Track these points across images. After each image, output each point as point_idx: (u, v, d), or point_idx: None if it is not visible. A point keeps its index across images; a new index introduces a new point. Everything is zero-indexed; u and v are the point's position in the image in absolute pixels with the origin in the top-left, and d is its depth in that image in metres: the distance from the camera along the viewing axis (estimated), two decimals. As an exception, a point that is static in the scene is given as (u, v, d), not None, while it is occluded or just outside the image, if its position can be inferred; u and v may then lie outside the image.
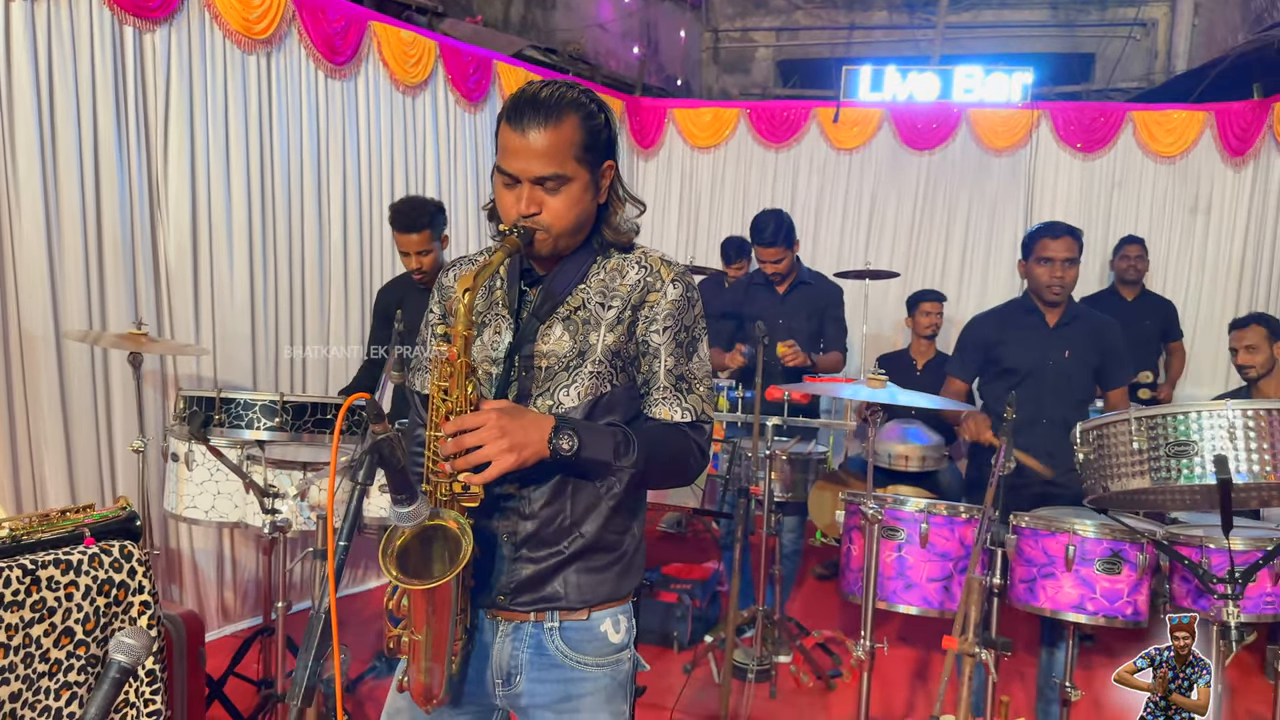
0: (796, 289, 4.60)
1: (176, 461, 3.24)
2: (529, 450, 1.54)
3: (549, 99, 1.62)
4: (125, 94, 3.74)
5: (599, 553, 1.71)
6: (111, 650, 1.45)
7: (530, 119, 1.60)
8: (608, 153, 1.70)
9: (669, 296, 1.70)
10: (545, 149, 1.60)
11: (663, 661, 4.18)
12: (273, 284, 4.39)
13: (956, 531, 2.82)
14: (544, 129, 1.60)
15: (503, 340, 1.71)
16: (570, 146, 1.62)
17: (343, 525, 1.37)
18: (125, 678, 1.46)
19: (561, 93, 1.64)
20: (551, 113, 1.61)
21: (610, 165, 1.71)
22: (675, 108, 7.35)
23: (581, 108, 1.64)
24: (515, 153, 1.61)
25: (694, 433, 1.73)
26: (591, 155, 1.65)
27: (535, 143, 1.60)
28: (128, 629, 1.59)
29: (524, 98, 1.63)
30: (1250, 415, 2.17)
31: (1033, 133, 6.66)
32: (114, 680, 1.45)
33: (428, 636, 1.58)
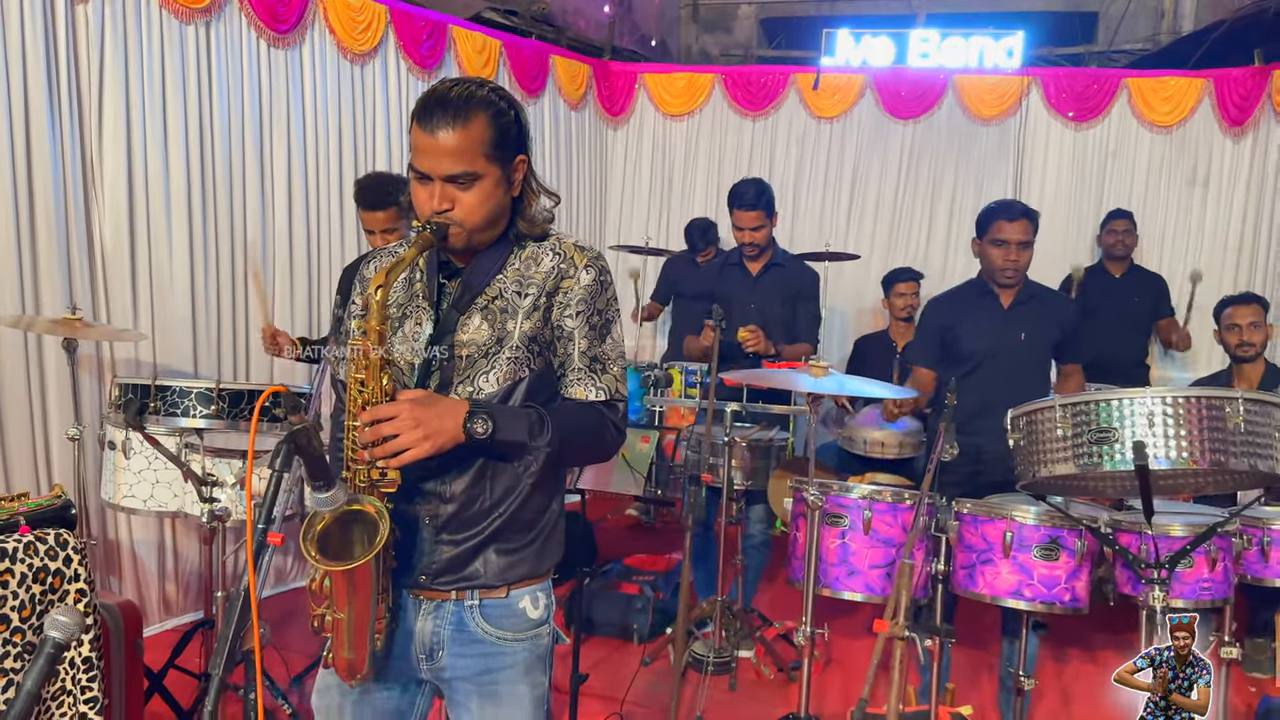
0: (770, 271, 4.81)
1: (114, 450, 3.46)
2: (444, 436, 1.77)
3: (457, 98, 1.84)
4: (57, 68, 3.93)
5: (518, 532, 1.94)
6: (46, 627, 1.69)
7: (439, 119, 1.82)
8: (519, 148, 1.92)
9: (582, 282, 1.93)
10: (455, 148, 1.82)
11: (621, 654, 4.43)
12: (214, 266, 4.59)
13: (900, 518, 3.07)
14: (453, 129, 1.81)
15: (424, 331, 1.94)
16: (480, 144, 1.84)
17: (261, 510, 1.60)
18: (59, 653, 1.70)
19: (470, 91, 1.86)
20: (460, 112, 1.82)
21: (522, 160, 1.93)
22: (646, 73, 7.54)
23: (490, 105, 1.86)
24: (426, 151, 1.83)
25: (608, 410, 1.97)
26: (502, 152, 1.87)
27: (445, 142, 1.82)
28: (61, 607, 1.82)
29: (433, 98, 1.85)
30: (1169, 403, 2.41)
31: (1023, 100, 6.89)
32: (49, 655, 1.68)
33: (350, 615, 1.81)
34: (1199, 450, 2.40)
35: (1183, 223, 6.77)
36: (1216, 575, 2.94)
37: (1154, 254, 6.68)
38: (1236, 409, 2.40)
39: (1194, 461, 2.41)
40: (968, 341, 3.72)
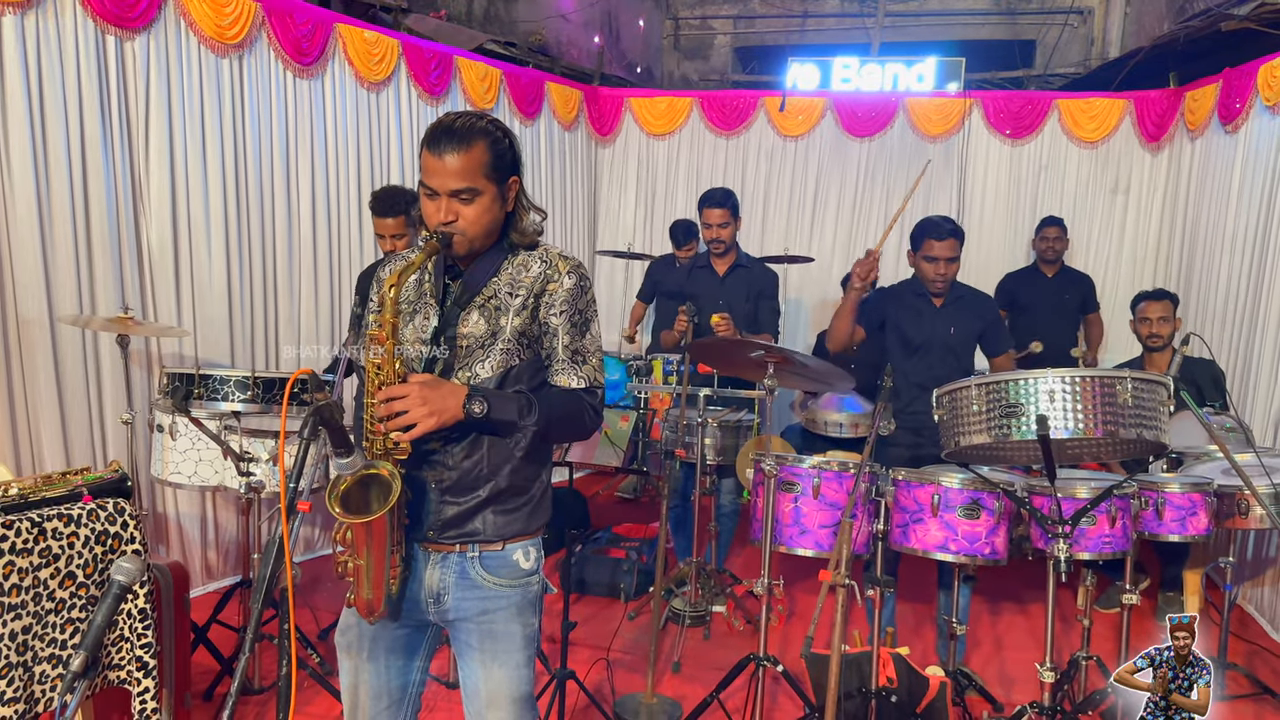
0: (735, 271, 4.98)
1: (161, 432, 3.60)
2: (447, 414, 1.92)
3: (461, 128, 1.99)
4: (109, 98, 4.06)
5: (511, 496, 2.09)
6: (113, 572, 1.84)
7: (446, 144, 1.97)
8: (513, 170, 2.07)
9: (565, 286, 2.08)
10: (459, 169, 1.97)
11: (609, 610, 4.58)
12: (248, 271, 4.72)
13: (845, 484, 3.22)
14: (457, 153, 1.97)
15: (430, 324, 2.08)
16: (480, 166, 1.99)
17: (292, 470, 1.74)
18: (124, 594, 1.85)
19: (472, 123, 2.01)
20: (463, 139, 1.97)
21: (515, 180, 2.08)
22: (632, 97, 7.68)
23: (489, 135, 2.01)
24: (434, 172, 1.98)
25: (588, 396, 2.12)
26: (498, 173, 2.02)
27: (450, 164, 1.97)
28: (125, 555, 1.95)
29: (441, 128, 2.00)
30: (1068, 381, 2.57)
31: (965, 120, 7.04)
32: (115, 595, 1.83)
33: (368, 561, 1.96)
34: (1094, 422, 2.55)
35: (1106, 228, 6.94)
36: (1116, 531, 3.09)
37: (1082, 256, 6.85)
38: (1126, 386, 2.55)
39: (1090, 431, 2.56)
40: (907, 333, 3.91)
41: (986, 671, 4.03)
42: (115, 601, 1.82)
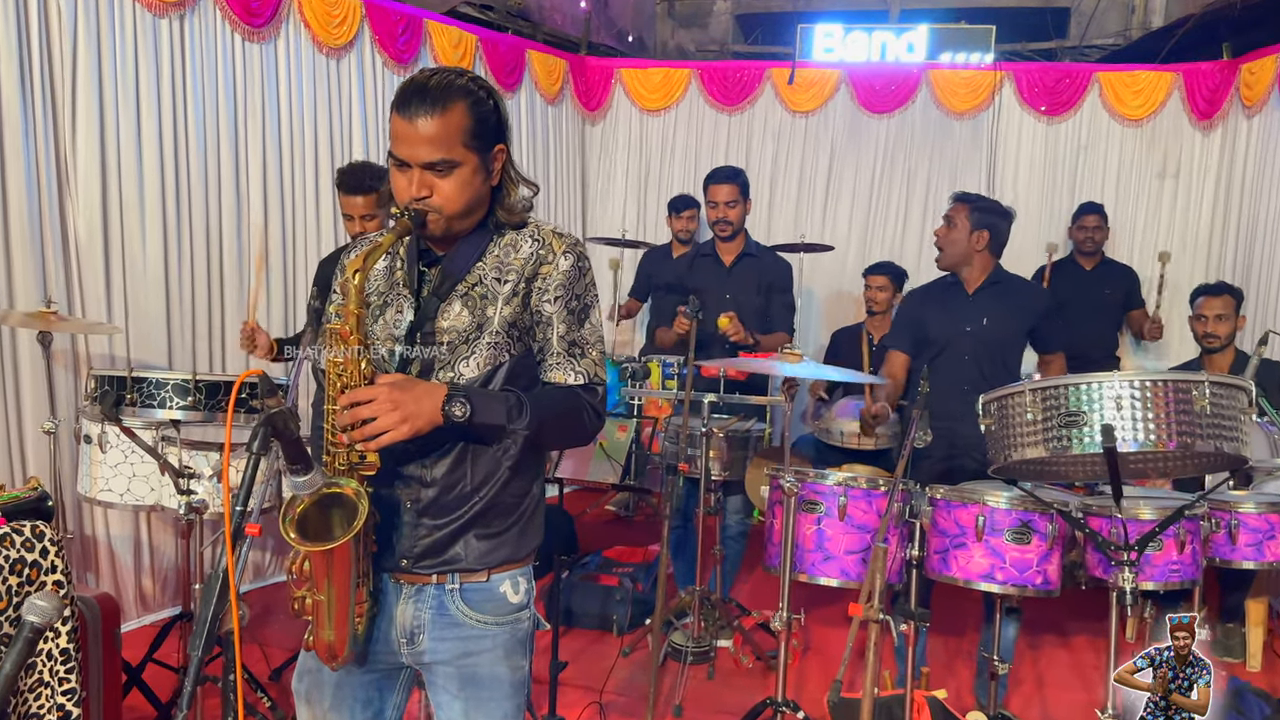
0: (742, 261, 4.84)
1: (89, 444, 3.45)
2: (422, 419, 1.79)
3: (436, 87, 1.86)
4: (30, 64, 3.91)
5: (498, 517, 1.96)
6: (24, 611, 1.70)
7: (418, 106, 1.84)
8: (498, 136, 1.94)
9: (561, 268, 1.95)
10: (433, 135, 1.84)
11: (601, 645, 4.46)
12: (188, 260, 4.58)
13: (875, 504, 3.10)
14: (431, 116, 1.83)
15: (404, 318, 1.96)
16: (458, 132, 1.86)
17: (240, 490, 1.61)
18: (37, 638, 1.71)
19: (449, 80, 1.88)
20: (439, 100, 1.84)
21: (501, 149, 1.96)
22: (623, 68, 7.56)
23: (469, 94, 1.89)
24: (405, 139, 1.85)
25: (587, 394, 1.99)
26: (480, 140, 1.89)
27: (423, 129, 1.84)
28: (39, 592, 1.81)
29: (412, 86, 1.87)
30: (1137, 386, 2.46)
31: (995, 95, 6.95)
32: (27, 640, 1.69)
33: (330, 596, 1.83)
34: (1166, 433, 2.45)
35: (1153, 215, 6.85)
36: (1185, 558, 2.99)
37: (1124, 246, 6.76)
38: (1203, 392, 2.44)
39: (1161, 444, 2.46)
40: (932, 329, 3.82)
41: (1029, 714, 3.93)
42: (28, 646, 1.68)
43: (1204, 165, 6.73)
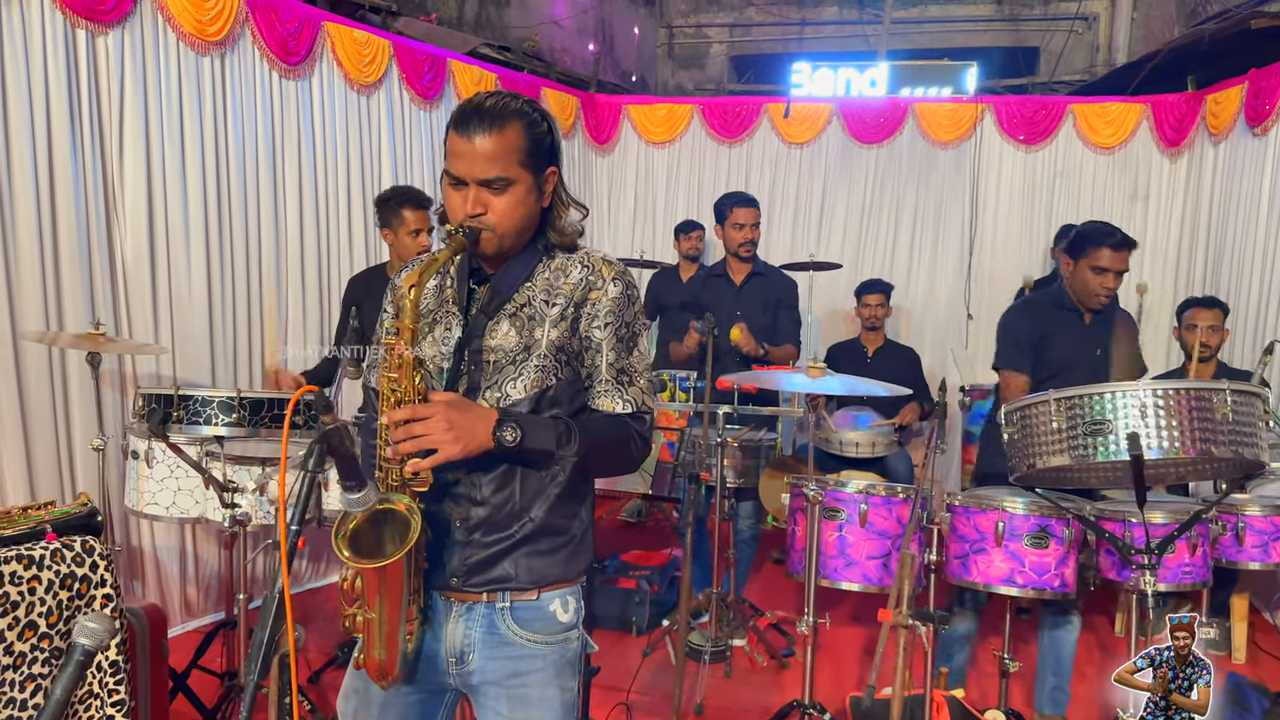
0: (751, 280, 4.70)
1: (136, 459, 3.28)
2: (474, 442, 1.63)
3: (494, 108, 1.71)
4: (79, 97, 3.75)
5: (547, 536, 1.79)
6: (75, 634, 1.52)
7: (476, 125, 1.69)
8: (550, 159, 1.79)
9: (610, 294, 1.79)
10: (490, 153, 1.69)
11: (621, 646, 4.28)
12: (230, 283, 4.42)
13: (894, 511, 2.94)
14: (489, 134, 1.69)
15: (453, 335, 1.79)
16: (514, 151, 1.71)
17: (294, 510, 1.44)
18: (89, 661, 1.53)
19: (506, 102, 1.73)
20: (496, 120, 1.70)
21: (553, 171, 1.80)
22: (630, 104, 7.42)
23: (524, 116, 1.74)
24: (462, 156, 1.70)
25: (634, 422, 1.83)
26: (534, 160, 1.74)
27: (481, 147, 1.69)
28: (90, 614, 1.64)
29: (470, 106, 1.72)
30: (1160, 395, 2.30)
31: (977, 126, 6.82)
32: (78, 663, 1.51)
33: (381, 614, 1.66)
34: (1189, 440, 2.29)
35: (1125, 236, 6.70)
36: (1197, 560, 2.83)
37: (1100, 265, 6.61)
38: (1224, 399, 2.29)
39: (1184, 451, 2.30)
40: (1055, 351, 3.40)
41: (1034, 709, 3.74)
42: (79, 670, 1.51)
43: (1172, 189, 6.60)
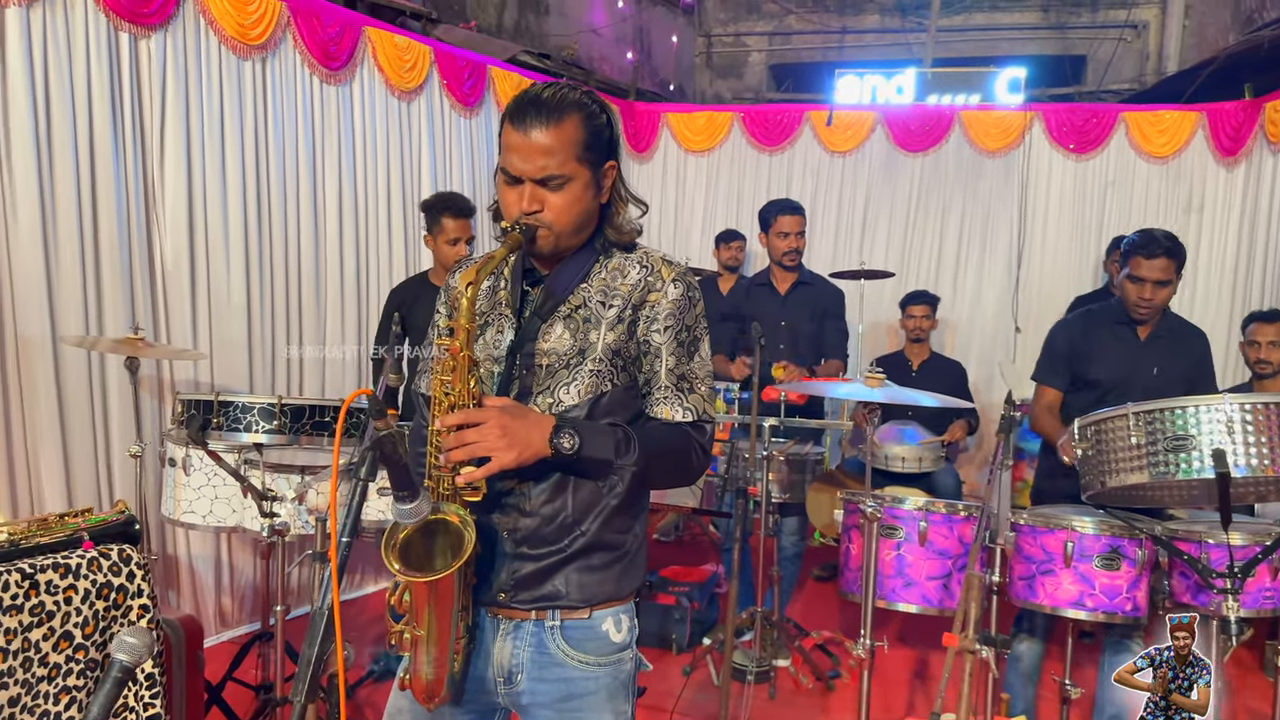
0: (797, 289, 4.60)
1: (174, 466, 3.23)
2: (530, 450, 1.55)
3: (551, 99, 1.63)
4: (121, 100, 3.74)
5: (600, 551, 1.70)
6: (113, 650, 1.45)
7: (533, 118, 1.62)
8: (609, 153, 1.71)
9: (670, 296, 1.71)
10: (547, 147, 1.61)
11: (661, 664, 4.17)
12: (269, 288, 4.38)
13: (955, 529, 2.82)
14: (546, 128, 1.61)
15: (504, 338, 1.72)
16: (572, 145, 1.63)
17: (344, 522, 1.36)
18: (127, 677, 1.46)
19: (564, 93, 1.65)
20: (554, 112, 1.62)
21: (612, 165, 1.73)
22: (669, 112, 7.36)
23: (583, 108, 1.66)
24: (518, 151, 1.62)
25: (695, 432, 1.73)
26: (593, 154, 1.67)
27: (538, 141, 1.61)
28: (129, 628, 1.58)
29: (527, 98, 1.65)
30: (1248, 409, 2.18)
31: (1025, 134, 6.68)
32: (116, 680, 1.44)
33: (430, 631, 1.58)
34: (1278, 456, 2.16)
35: (1179, 248, 6.53)
36: (1278, 584, 2.68)
37: (1153, 278, 6.43)
38: (1316, 415, 2.16)
39: (1273, 469, 2.17)
40: (1098, 369, 3.24)
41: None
42: (116, 687, 1.43)
43: (1228, 200, 6.41)
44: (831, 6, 9.52)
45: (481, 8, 7.12)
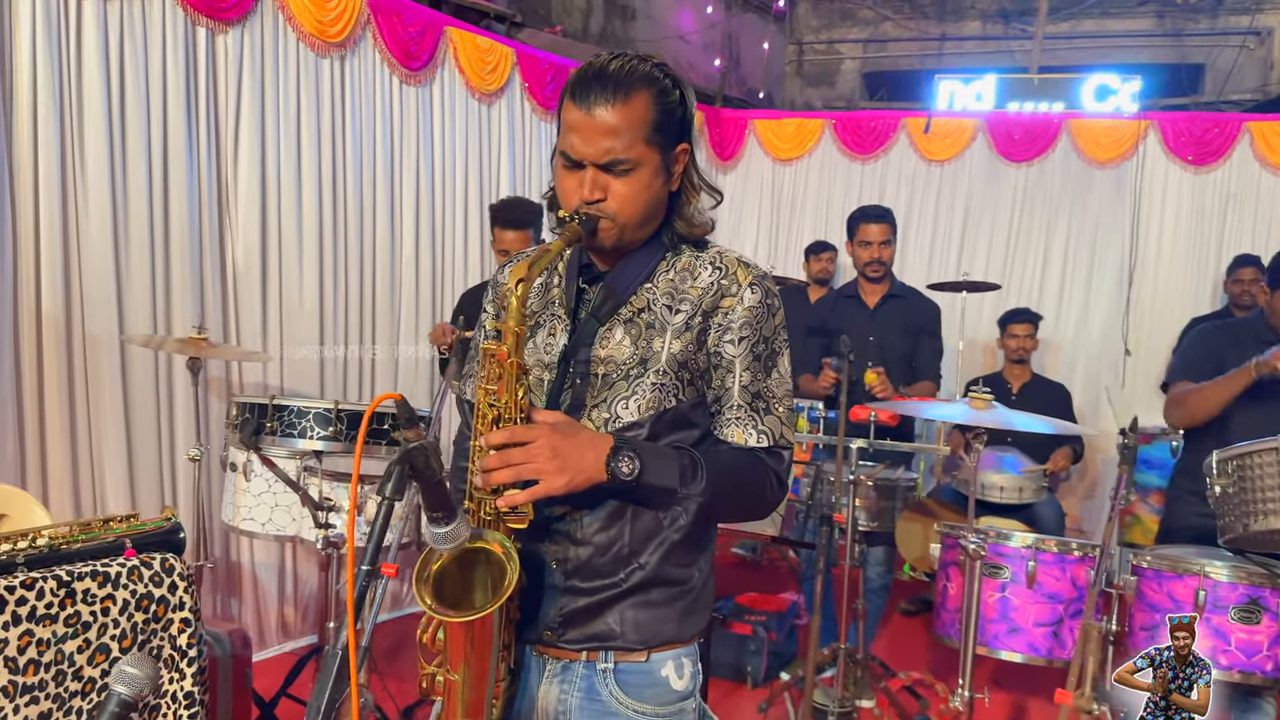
0: (888, 303, 4.31)
1: (235, 471, 3.14)
2: (583, 475, 1.35)
3: (619, 72, 1.44)
4: (196, 96, 3.69)
5: (661, 587, 1.50)
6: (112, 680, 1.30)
7: (597, 94, 1.43)
8: (682, 135, 1.52)
9: (745, 302, 1.50)
10: (613, 127, 1.42)
11: (735, 698, 3.93)
12: (343, 291, 4.30)
13: (1068, 571, 2.53)
14: (612, 105, 1.42)
15: (557, 343, 1.53)
16: (640, 125, 1.44)
17: (367, 547, 1.18)
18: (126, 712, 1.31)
19: (633, 66, 1.46)
20: (621, 87, 1.43)
21: (685, 149, 1.53)
22: (756, 118, 7.15)
23: (655, 83, 1.47)
24: (579, 131, 1.44)
25: (770, 459, 1.52)
26: (664, 136, 1.47)
27: (602, 120, 1.42)
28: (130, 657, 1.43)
29: (591, 71, 1.46)
30: None
31: (1139, 144, 6.27)
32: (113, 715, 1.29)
33: (465, 676, 1.39)
34: None
35: (1311, 266, 6.04)
36: None
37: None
38: None
39: None
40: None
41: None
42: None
43: (1364, 215, 5.91)
44: (930, 13, 9.19)
45: (567, 12, 7.02)
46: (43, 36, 3.17)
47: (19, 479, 3.23)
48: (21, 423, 3.24)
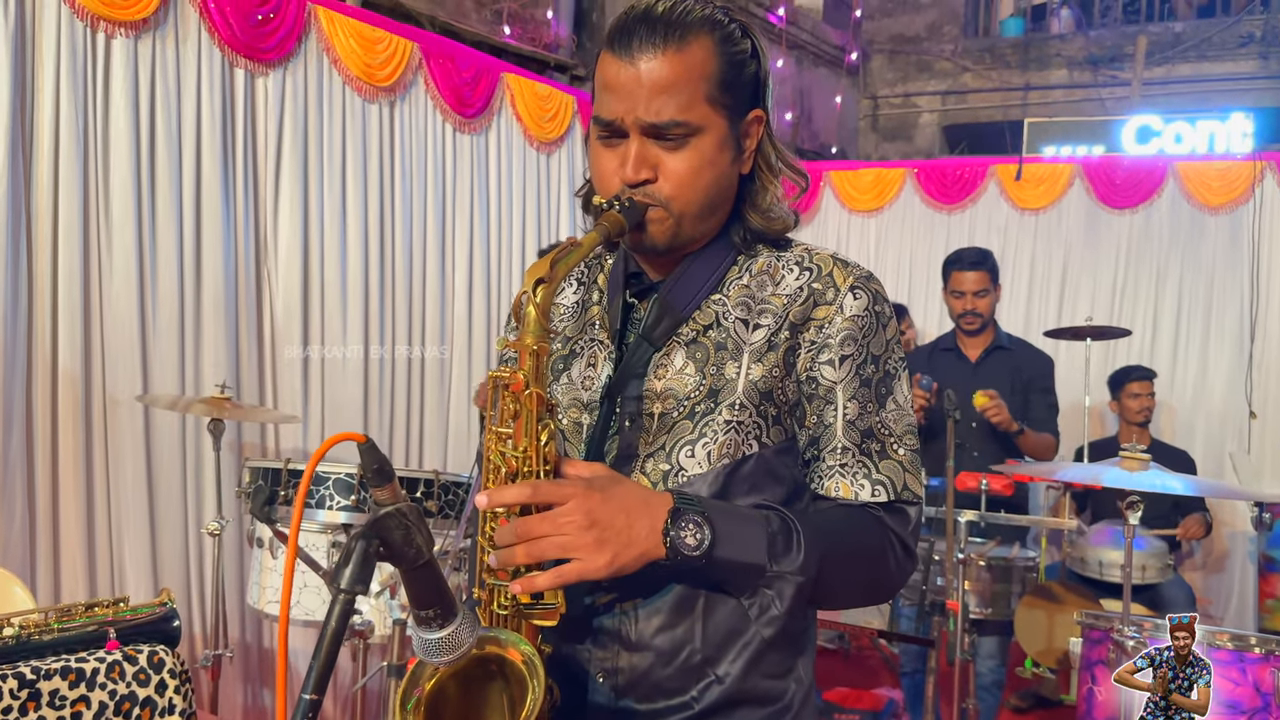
0: (992, 355, 3.88)
1: (260, 547, 2.82)
2: (632, 550, 0.97)
3: (670, 12, 1.09)
4: (234, 141, 3.47)
5: (747, 706, 1.10)
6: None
7: (645, 39, 1.08)
8: (755, 99, 1.15)
9: (846, 311, 1.12)
10: (663, 81, 1.07)
11: (827, 811, 3.43)
12: (389, 350, 4.01)
13: (1250, 673, 2.03)
14: (663, 52, 1.07)
15: (599, 375, 1.16)
16: (701, 80, 1.08)
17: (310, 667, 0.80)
18: None
19: (688, 7, 1.10)
20: (674, 31, 1.08)
21: (759, 116, 1.16)
22: (831, 170, 6.81)
23: (718, 27, 1.11)
24: (619, 89, 1.09)
25: (892, 518, 1.12)
26: (731, 97, 1.11)
27: (650, 73, 1.07)
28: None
29: (636, 13, 1.11)
30: None
31: (1256, 187, 5.75)
32: None
33: (473, 842, 0.99)
34: None
35: None
36: None
37: None
38: None
39: None
40: None
41: None
42: None
43: None
44: (1013, 62, 8.82)
45: (633, 66, 6.82)
46: (67, 74, 2.97)
47: (28, 556, 2.94)
48: (32, 492, 2.96)
